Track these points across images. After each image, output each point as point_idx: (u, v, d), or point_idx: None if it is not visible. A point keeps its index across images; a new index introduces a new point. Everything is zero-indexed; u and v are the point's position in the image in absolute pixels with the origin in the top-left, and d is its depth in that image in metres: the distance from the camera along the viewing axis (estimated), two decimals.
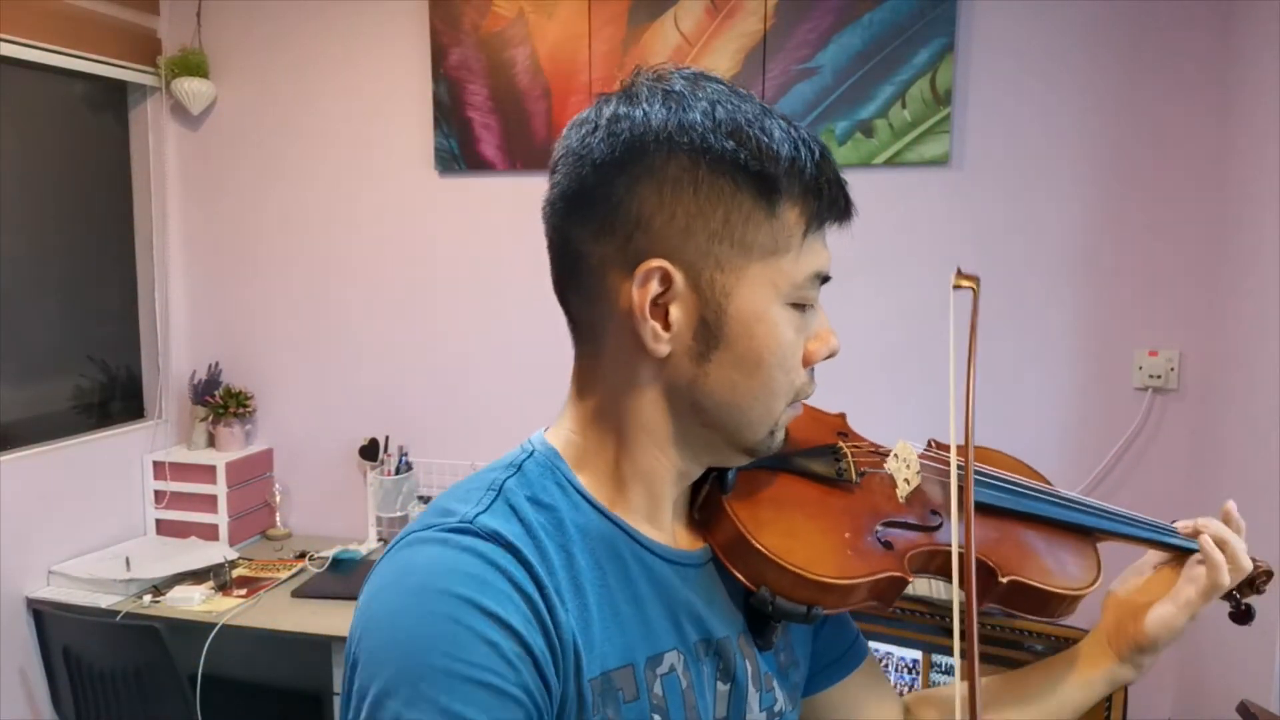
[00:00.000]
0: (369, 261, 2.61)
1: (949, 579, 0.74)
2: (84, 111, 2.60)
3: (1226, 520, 0.82)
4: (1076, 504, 0.83)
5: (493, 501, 0.60)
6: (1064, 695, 0.80)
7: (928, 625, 1.61)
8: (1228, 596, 0.82)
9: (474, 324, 2.54)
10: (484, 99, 2.42)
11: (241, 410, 2.67)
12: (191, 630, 2.09)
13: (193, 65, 2.59)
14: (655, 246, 0.60)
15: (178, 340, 2.78)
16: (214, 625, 2.08)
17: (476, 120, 2.43)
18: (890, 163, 2.18)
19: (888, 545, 0.71)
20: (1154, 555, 0.84)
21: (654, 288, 0.60)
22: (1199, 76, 2.00)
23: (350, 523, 2.64)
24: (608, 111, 0.62)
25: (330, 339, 2.67)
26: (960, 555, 0.67)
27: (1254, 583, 0.82)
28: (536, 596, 0.56)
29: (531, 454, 0.66)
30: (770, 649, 0.72)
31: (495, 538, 0.57)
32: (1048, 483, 0.87)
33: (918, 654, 1.86)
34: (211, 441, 2.69)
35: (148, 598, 2.22)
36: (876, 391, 2.25)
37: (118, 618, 2.12)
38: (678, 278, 0.60)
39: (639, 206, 0.60)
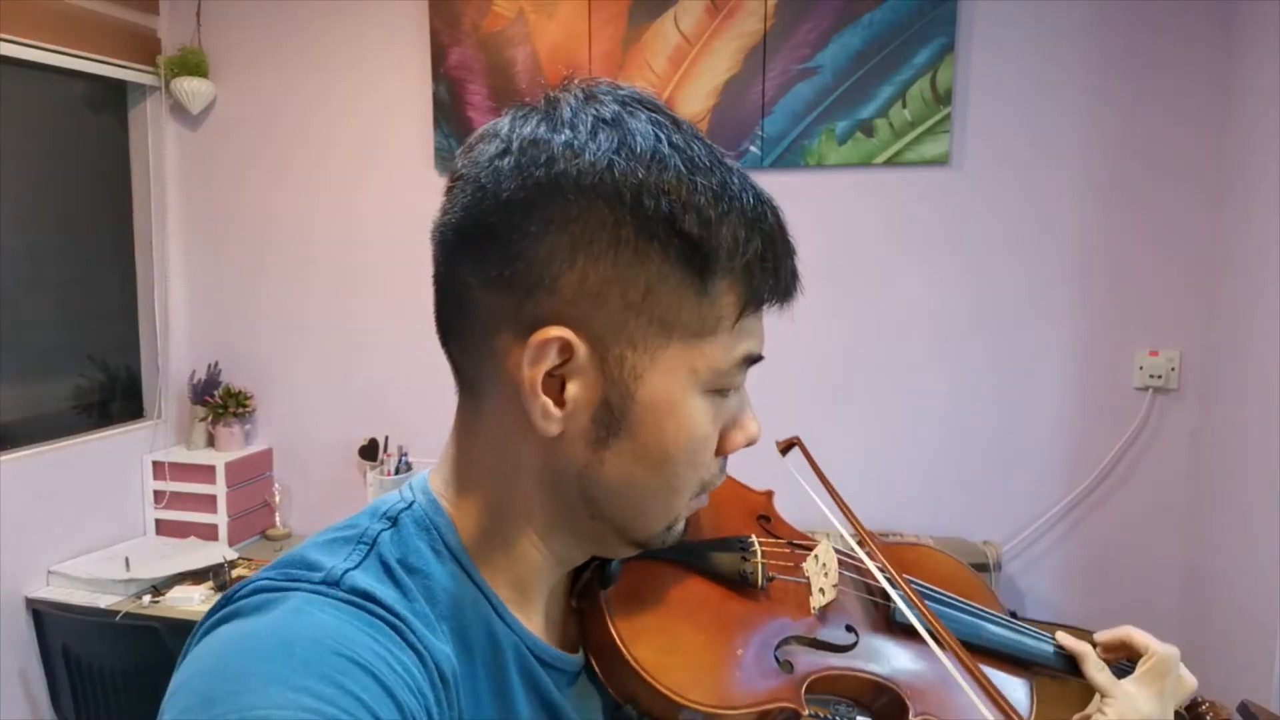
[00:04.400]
0: (369, 261, 2.61)
1: (859, 708, 0.67)
2: (84, 111, 2.60)
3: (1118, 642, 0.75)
4: (1010, 624, 0.73)
5: (364, 557, 0.51)
6: None
7: None
8: None
9: None
10: (484, 99, 2.42)
11: (241, 410, 2.67)
12: (191, 630, 2.09)
13: (192, 65, 2.59)
14: (559, 311, 0.50)
15: (177, 340, 2.78)
16: None
17: (476, 120, 2.43)
18: (890, 163, 2.17)
19: (787, 666, 0.60)
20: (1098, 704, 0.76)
21: (551, 360, 0.50)
22: (1199, 76, 2.00)
23: None
24: (524, 131, 0.51)
25: (330, 339, 2.67)
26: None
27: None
28: (415, 667, 0.47)
29: (410, 505, 0.56)
30: None
31: (368, 598, 0.48)
32: (981, 585, 0.77)
33: None
34: (211, 441, 2.69)
35: (147, 598, 2.22)
36: (870, 392, 2.25)
37: (117, 618, 2.11)
38: (580, 351, 0.50)
39: (545, 260, 0.49)
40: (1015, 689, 0.71)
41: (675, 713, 0.56)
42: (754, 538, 0.67)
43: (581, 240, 0.49)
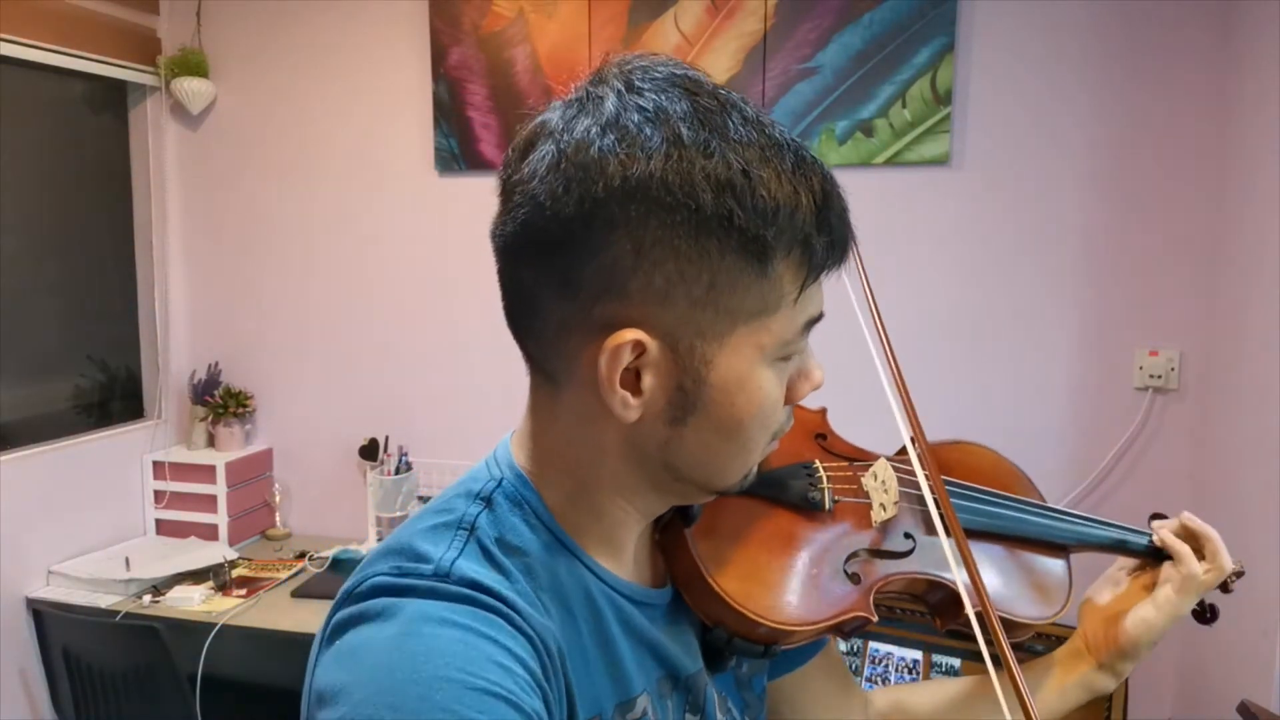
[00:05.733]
0: (369, 261, 2.61)
1: (919, 603, 0.74)
2: (84, 111, 2.60)
3: (1187, 531, 0.78)
4: (1048, 512, 0.79)
5: (465, 543, 0.55)
6: (1039, 703, 0.77)
7: (928, 625, 1.61)
8: None
9: (474, 323, 2.54)
10: (484, 99, 2.42)
11: (241, 410, 2.67)
12: (191, 630, 2.09)
13: (192, 65, 2.59)
14: (628, 314, 0.52)
15: (178, 340, 2.78)
16: (214, 625, 2.08)
17: (476, 120, 2.43)
18: (890, 163, 2.17)
19: (855, 578, 0.67)
20: (1126, 561, 0.81)
21: (625, 359, 0.53)
22: (1199, 76, 2.00)
23: (350, 523, 2.64)
24: (575, 133, 0.52)
25: (330, 339, 2.67)
26: (965, 587, 0.65)
27: (1223, 582, 0.79)
28: (527, 653, 0.51)
29: (500, 482, 0.60)
30: (727, 670, 0.69)
31: (477, 588, 0.51)
32: (1030, 484, 0.84)
33: (918, 654, 1.86)
34: (211, 441, 2.69)
35: (147, 598, 2.22)
36: (867, 392, 2.25)
37: (117, 618, 2.11)
38: (652, 346, 0.53)
39: (610, 268, 0.51)
40: (1053, 568, 0.78)
41: (761, 631, 0.62)
42: (817, 462, 0.73)
43: (643, 246, 0.51)
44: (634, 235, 0.51)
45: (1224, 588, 0.80)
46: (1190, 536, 0.77)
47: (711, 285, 0.52)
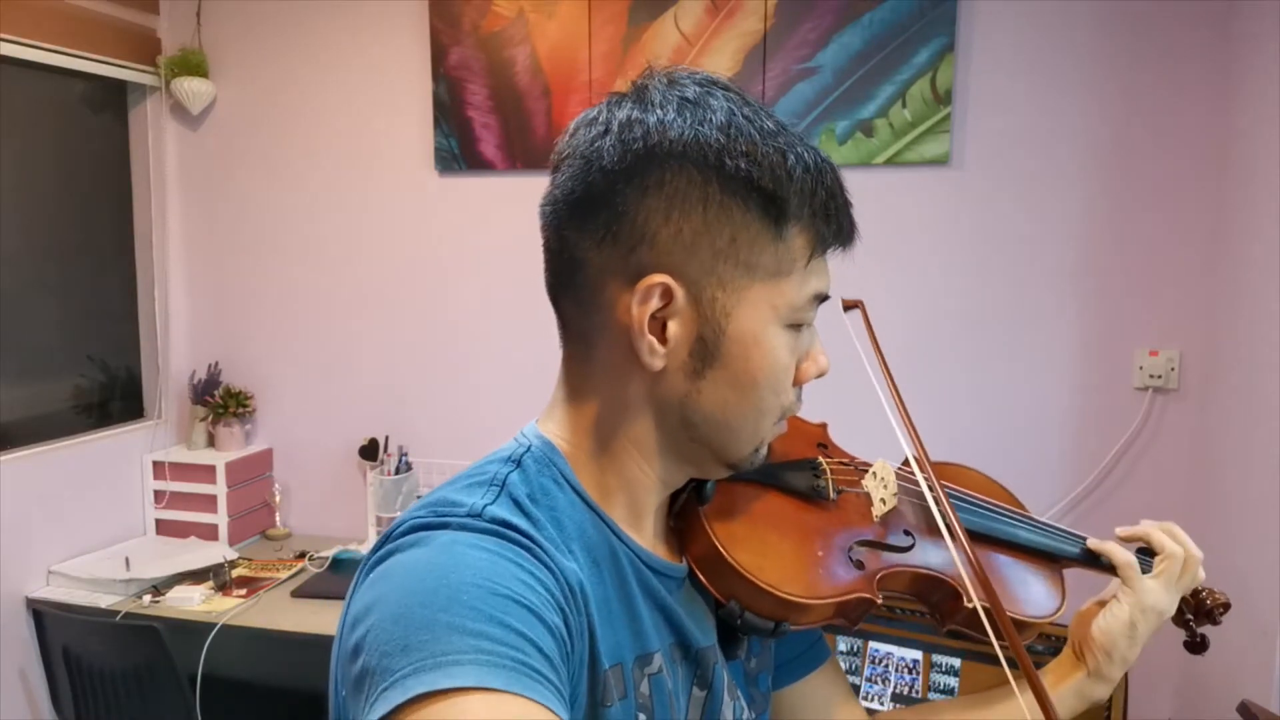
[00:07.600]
0: (369, 261, 2.61)
1: (920, 603, 0.77)
2: (84, 111, 2.60)
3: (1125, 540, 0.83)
4: (1044, 527, 0.83)
5: (497, 496, 0.59)
6: (1035, 714, 0.78)
7: (928, 625, 1.61)
8: (1183, 625, 0.84)
9: (474, 323, 2.54)
10: (484, 99, 2.42)
11: (241, 410, 2.67)
12: (191, 630, 2.09)
13: (193, 65, 2.59)
14: (659, 261, 0.59)
15: (177, 340, 2.78)
16: (214, 625, 2.08)
17: (476, 120, 2.43)
18: (890, 163, 2.17)
19: (859, 565, 0.71)
20: (1117, 583, 0.83)
21: (654, 303, 0.59)
22: (1199, 76, 2.00)
23: (350, 523, 2.64)
24: (620, 115, 0.60)
25: (330, 339, 2.67)
26: (965, 575, 0.68)
27: (1210, 613, 0.82)
28: (550, 581, 0.54)
29: (529, 448, 0.64)
30: (737, 659, 0.72)
31: (506, 525, 0.56)
32: (1019, 503, 0.87)
33: (918, 654, 1.86)
34: (211, 441, 2.69)
35: (147, 598, 2.22)
36: (874, 393, 2.25)
37: (117, 618, 2.11)
38: (679, 294, 0.59)
39: (646, 218, 0.58)
40: (1047, 574, 0.81)
41: (771, 604, 0.66)
42: (821, 460, 0.78)
43: (675, 199, 0.58)
44: (668, 189, 0.58)
45: (1212, 619, 0.83)
46: (1138, 541, 0.82)
47: (733, 239, 0.59)
